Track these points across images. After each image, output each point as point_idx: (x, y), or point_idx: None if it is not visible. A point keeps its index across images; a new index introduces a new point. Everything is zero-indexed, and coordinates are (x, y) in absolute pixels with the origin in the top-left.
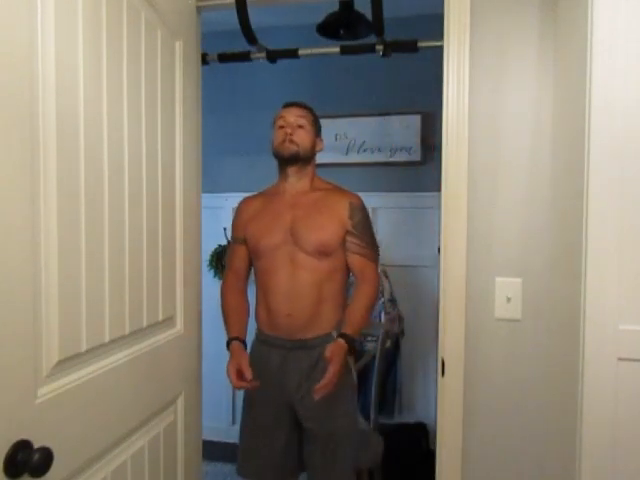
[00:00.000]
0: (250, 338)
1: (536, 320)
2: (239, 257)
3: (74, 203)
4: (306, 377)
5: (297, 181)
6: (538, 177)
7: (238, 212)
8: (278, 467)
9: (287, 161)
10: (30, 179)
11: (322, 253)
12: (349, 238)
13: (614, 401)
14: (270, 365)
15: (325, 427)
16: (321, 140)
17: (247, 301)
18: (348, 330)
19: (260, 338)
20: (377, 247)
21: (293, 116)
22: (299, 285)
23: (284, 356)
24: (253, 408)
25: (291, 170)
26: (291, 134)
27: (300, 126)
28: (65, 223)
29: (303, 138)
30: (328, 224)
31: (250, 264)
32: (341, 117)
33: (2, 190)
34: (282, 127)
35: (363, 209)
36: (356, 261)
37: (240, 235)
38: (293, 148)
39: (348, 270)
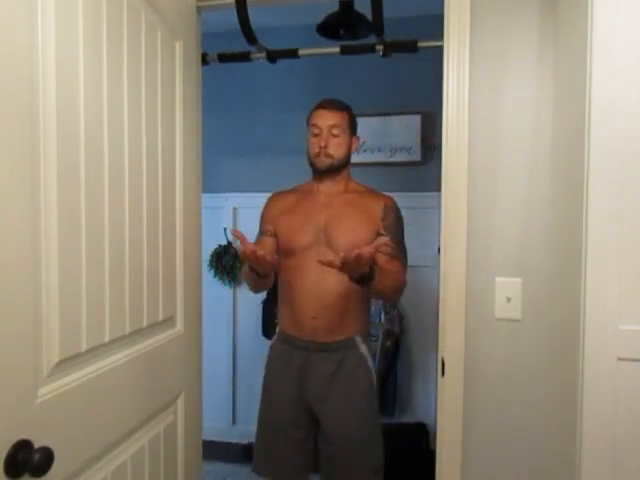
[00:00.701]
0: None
1: (536, 320)
2: (264, 247)
3: (74, 203)
4: (328, 380)
5: (333, 184)
6: (538, 177)
7: (268, 206)
8: (291, 464)
9: (322, 172)
10: (30, 179)
11: None
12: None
13: (614, 401)
14: (292, 364)
15: (342, 431)
16: (357, 138)
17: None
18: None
19: (282, 337)
20: (406, 253)
21: (327, 124)
22: (327, 288)
23: (306, 357)
24: (272, 406)
25: (326, 177)
26: (326, 147)
27: (334, 135)
28: (65, 223)
29: (338, 148)
30: (361, 227)
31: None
32: None
33: (2, 190)
34: (316, 135)
35: (396, 211)
36: (383, 260)
37: (268, 228)
38: (328, 161)
39: None
